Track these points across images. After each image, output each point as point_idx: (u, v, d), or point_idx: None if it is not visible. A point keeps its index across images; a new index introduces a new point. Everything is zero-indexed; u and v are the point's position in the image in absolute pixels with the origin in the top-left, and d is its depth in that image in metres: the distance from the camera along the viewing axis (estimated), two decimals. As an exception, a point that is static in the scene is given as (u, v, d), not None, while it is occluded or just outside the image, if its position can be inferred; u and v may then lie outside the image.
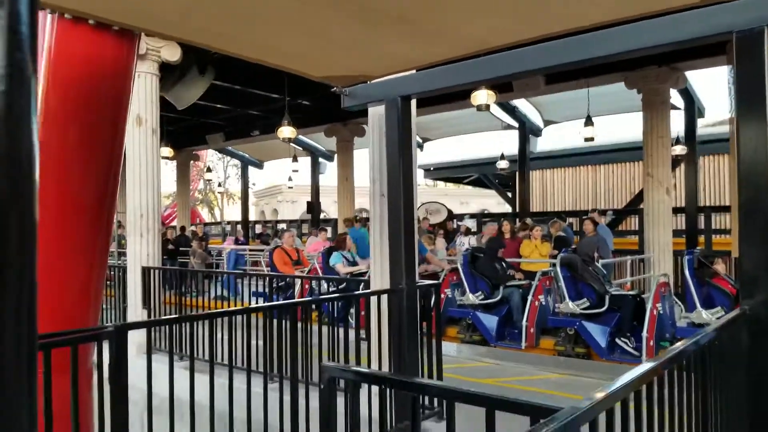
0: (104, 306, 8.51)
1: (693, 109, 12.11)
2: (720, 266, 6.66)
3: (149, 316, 7.18)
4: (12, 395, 0.38)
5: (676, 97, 11.38)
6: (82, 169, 3.33)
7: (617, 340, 6.85)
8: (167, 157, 15.86)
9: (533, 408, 1.49)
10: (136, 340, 4.97)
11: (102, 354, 2.90)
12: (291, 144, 14.73)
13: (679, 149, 12.60)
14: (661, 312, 6.56)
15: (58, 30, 3.24)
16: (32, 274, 0.39)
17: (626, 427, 1.64)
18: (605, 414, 1.50)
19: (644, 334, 6.34)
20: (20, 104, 0.35)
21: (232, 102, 14.03)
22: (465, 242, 11.68)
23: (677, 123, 12.13)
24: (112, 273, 8.82)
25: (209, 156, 34.22)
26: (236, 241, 16.27)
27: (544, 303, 7.60)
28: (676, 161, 12.41)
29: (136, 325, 3.26)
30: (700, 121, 13.53)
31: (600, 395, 1.42)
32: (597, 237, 8.69)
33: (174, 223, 19.98)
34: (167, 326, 4.19)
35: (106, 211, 3.53)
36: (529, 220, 11.87)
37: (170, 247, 14.02)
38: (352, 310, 5.52)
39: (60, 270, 3.29)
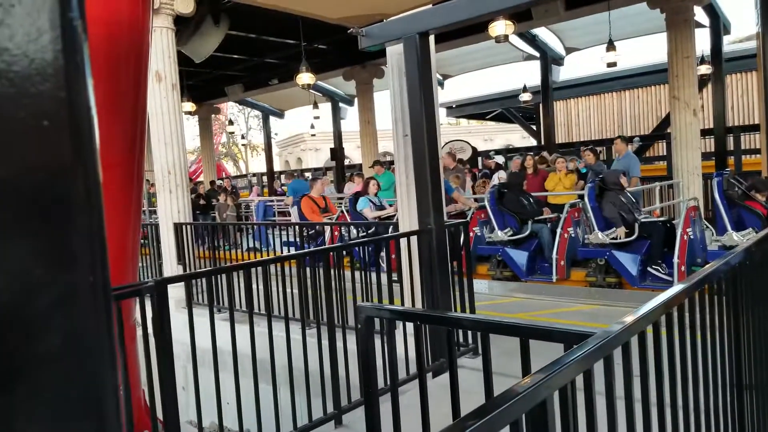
0: (140, 264, 8.79)
1: (718, 26, 11.57)
2: (762, 196, 6.53)
3: (185, 270, 7.38)
4: (97, 341, 0.42)
5: (700, 15, 10.87)
6: (111, 129, 3.38)
7: (648, 267, 6.84)
8: (189, 112, 15.93)
9: (566, 334, 1.52)
10: (174, 294, 5.13)
11: (145, 309, 3.02)
12: (310, 91, 14.61)
13: (705, 69, 12.16)
14: (692, 237, 6.50)
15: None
16: (101, 231, 0.42)
17: (659, 350, 1.67)
18: (637, 338, 1.53)
19: (675, 259, 6.31)
20: (76, 63, 0.37)
21: (248, 51, 13.92)
22: (494, 178, 11.62)
23: (702, 41, 11.65)
24: (146, 231, 9.05)
25: (229, 109, 34.22)
26: (274, 192, 16.43)
27: (573, 235, 7.59)
28: (702, 81, 11.99)
29: (176, 279, 3.37)
30: (726, 38, 12.96)
31: (631, 319, 1.45)
32: (620, 164, 8.65)
33: (201, 178, 20.23)
34: (204, 279, 4.32)
35: (137, 168, 3.60)
36: (545, 153, 11.70)
37: (202, 202, 14.26)
38: (383, 254, 5.59)
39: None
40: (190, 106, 15.09)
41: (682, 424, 1.75)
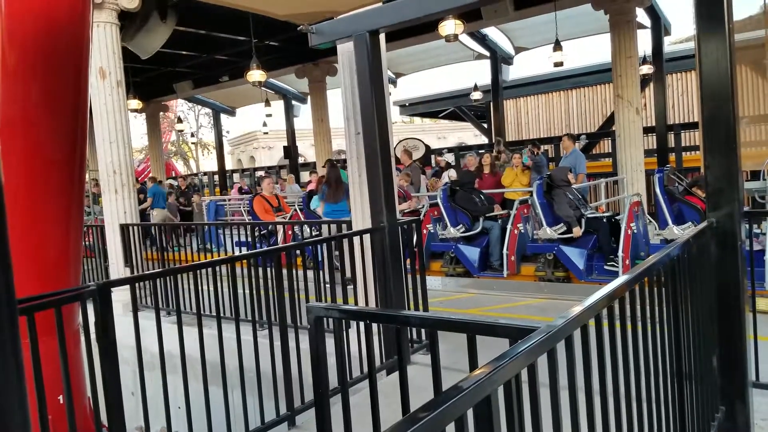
0: (86, 267, 8.48)
1: (659, 27, 12.03)
2: (703, 192, 6.81)
3: (132, 273, 7.17)
4: None
5: (642, 16, 11.30)
6: (49, 125, 3.24)
7: (595, 261, 7.05)
8: (135, 110, 15.48)
9: (511, 329, 1.55)
10: (121, 298, 4.97)
11: (87, 314, 2.91)
12: (262, 88, 14.41)
13: (647, 68, 12.61)
14: (635, 231, 6.73)
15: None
16: (2, 236, 0.39)
17: (601, 342, 1.72)
18: (580, 331, 1.56)
19: (620, 253, 6.53)
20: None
21: (197, 48, 13.62)
22: (444, 176, 11.73)
23: (644, 42, 12.10)
24: (91, 232, 8.75)
25: (179, 106, 33.43)
26: (240, 191, 16.18)
27: (523, 231, 7.74)
28: (644, 81, 12.44)
29: (119, 282, 3.26)
30: (666, 39, 13.50)
31: (573, 312, 1.48)
32: (568, 161, 8.91)
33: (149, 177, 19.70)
34: (151, 282, 4.19)
35: (77, 167, 3.47)
36: (503, 153, 11.90)
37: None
38: (337, 253, 5.57)
39: (36, 232, 3.25)
40: (136, 103, 14.67)
41: (624, 413, 1.80)
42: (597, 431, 1.63)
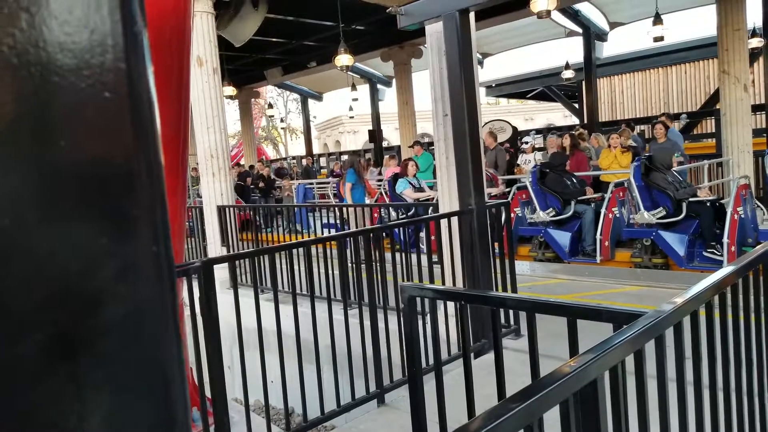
0: (186, 246, 8.98)
1: (772, -5, 11.02)
2: None
3: (228, 252, 7.51)
4: (161, 310, 0.42)
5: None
6: (159, 113, 3.44)
7: (696, 248, 6.65)
8: (230, 96, 16.08)
9: (616, 314, 1.49)
10: (218, 275, 5.25)
11: (192, 289, 3.07)
12: (348, 72, 14.59)
13: (756, 42, 11.61)
14: (743, 216, 6.28)
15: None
16: (163, 203, 0.42)
17: (712, 331, 1.62)
18: (690, 318, 1.49)
19: (725, 239, 6.11)
20: (134, 34, 0.38)
21: (287, 34, 13.96)
22: (531, 159, 11.42)
23: (754, 13, 11.13)
24: (190, 213, 9.25)
25: (269, 92, 34.47)
26: (332, 173, 16.70)
27: (618, 215, 7.42)
28: (753, 55, 11.48)
29: (221, 260, 3.42)
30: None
31: (682, 299, 1.40)
32: (671, 143, 8.31)
33: (242, 161, 20.52)
34: (248, 260, 4.38)
35: (182, 152, 3.67)
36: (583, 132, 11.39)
37: (261, 184, 14.44)
38: (422, 235, 5.58)
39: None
40: (230, 90, 15.25)
41: (735, 408, 1.70)
42: (705, 425, 1.55)
